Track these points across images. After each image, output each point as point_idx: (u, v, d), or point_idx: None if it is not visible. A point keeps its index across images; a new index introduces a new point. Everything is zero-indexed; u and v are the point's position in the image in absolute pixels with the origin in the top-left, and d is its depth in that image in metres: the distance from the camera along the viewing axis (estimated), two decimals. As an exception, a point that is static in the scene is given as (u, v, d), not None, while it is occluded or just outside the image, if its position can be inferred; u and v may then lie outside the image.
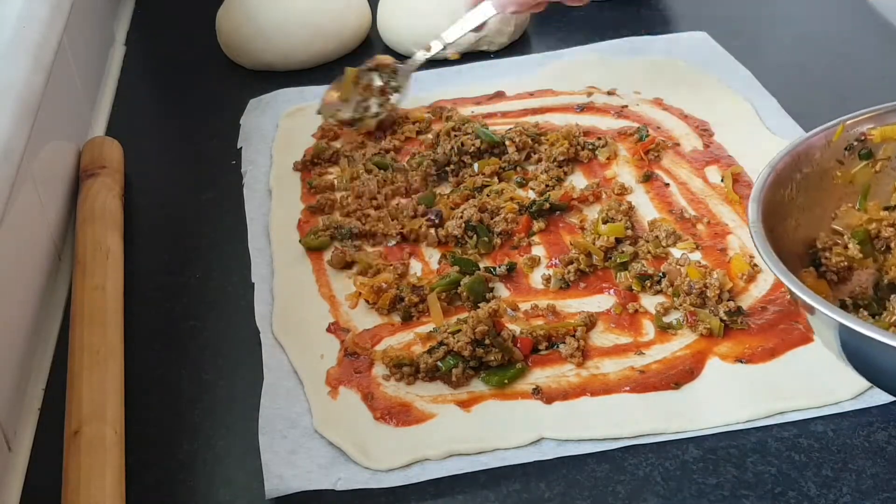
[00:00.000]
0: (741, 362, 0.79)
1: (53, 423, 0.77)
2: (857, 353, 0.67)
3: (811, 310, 0.66)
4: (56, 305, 0.91)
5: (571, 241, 0.91)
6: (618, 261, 0.88)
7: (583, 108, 1.12)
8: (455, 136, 1.05)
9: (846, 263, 0.80)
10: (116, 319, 0.84)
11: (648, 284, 0.86)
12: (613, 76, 1.17)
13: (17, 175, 0.80)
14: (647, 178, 1.00)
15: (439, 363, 0.79)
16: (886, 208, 0.81)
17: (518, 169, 1.03)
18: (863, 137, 0.81)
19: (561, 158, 1.02)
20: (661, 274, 0.86)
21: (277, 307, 0.87)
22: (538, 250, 0.92)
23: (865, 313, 0.76)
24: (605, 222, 0.91)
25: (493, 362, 0.78)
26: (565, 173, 1.01)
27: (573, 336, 0.81)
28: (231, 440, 0.76)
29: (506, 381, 0.78)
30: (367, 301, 0.86)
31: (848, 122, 0.81)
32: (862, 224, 0.81)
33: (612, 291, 0.87)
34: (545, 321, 0.84)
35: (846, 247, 0.80)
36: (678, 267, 0.86)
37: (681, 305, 0.83)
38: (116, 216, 0.97)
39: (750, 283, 0.86)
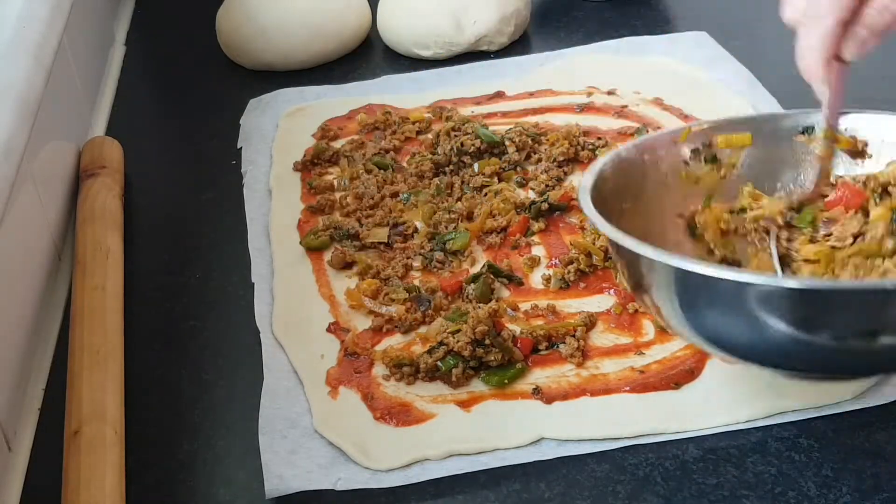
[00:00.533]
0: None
1: (53, 423, 0.77)
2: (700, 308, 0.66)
3: (641, 265, 0.66)
4: (56, 305, 0.91)
5: (571, 241, 0.91)
6: None
7: (583, 108, 1.12)
8: (455, 136, 1.05)
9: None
10: (116, 319, 0.84)
11: None
12: (613, 76, 1.17)
13: (17, 175, 0.80)
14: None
15: (439, 363, 0.79)
16: (732, 211, 0.81)
17: (518, 169, 1.03)
18: (708, 142, 0.82)
19: (561, 158, 1.02)
20: None
21: (277, 307, 0.87)
22: (538, 250, 0.92)
23: None
24: None
25: (493, 362, 0.78)
26: (565, 173, 1.01)
27: (573, 336, 0.81)
28: (231, 440, 0.76)
29: (506, 381, 0.78)
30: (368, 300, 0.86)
31: (694, 127, 0.82)
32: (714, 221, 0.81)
33: (612, 291, 0.87)
34: (545, 321, 0.84)
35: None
36: None
37: None
38: (116, 216, 0.97)
39: (750, 283, 0.86)
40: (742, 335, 0.64)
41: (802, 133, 0.83)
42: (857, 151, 0.81)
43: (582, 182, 0.74)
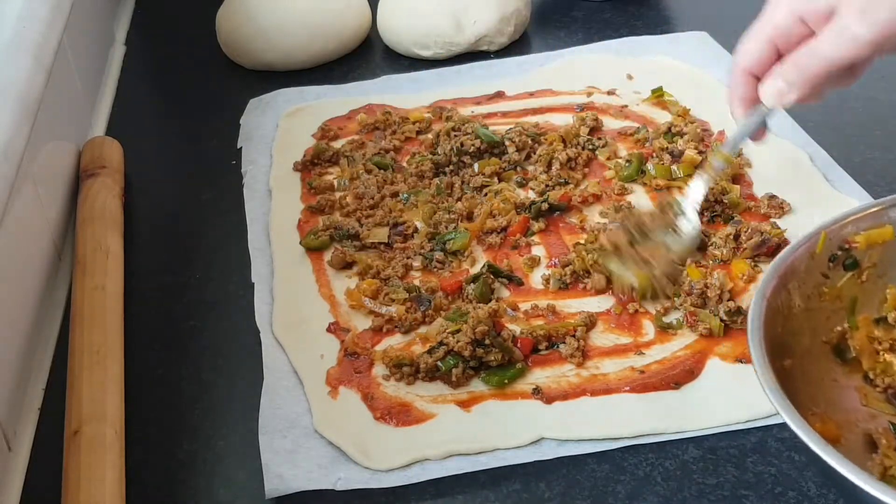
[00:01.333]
0: (741, 362, 0.79)
1: (53, 423, 0.77)
2: None
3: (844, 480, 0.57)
4: (56, 305, 0.91)
5: (574, 251, 0.90)
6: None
7: (583, 108, 1.12)
8: (455, 136, 1.05)
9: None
10: (116, 319, 0.84)
11: None
12: (613, 76, 1.17)
13: (17, 175, 0.80)
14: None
15: (439, 363, 0.79)
16: (876, 320, 0.74)
17: (518, 169, 1.03)
18: (846, 246, 0.74)
19: (562, 159, 1.02)
20: None
21: (277, 307, 0.87)
22: (538, 250, 0.92)
23: None
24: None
25: (493, 362, 0.78)
26: (569, 172, 1.01)
27: (573, 336, 0.81)
28: (231, 440, 0.76)
29: (506, 381, 0.78)
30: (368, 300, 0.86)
31: (829, 230, 0.73)
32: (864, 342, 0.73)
33: (612, 291, 0.87)
34: (545, 321, 0.84)
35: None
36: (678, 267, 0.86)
37: (681, 306, 0.83)
38: (116, 216, 0.97)
39: (750, 283, 0.86)
40: None
41: None
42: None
43: (755, 367, 0.64)
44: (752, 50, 0.77)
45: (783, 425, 0.73)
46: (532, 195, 0.98)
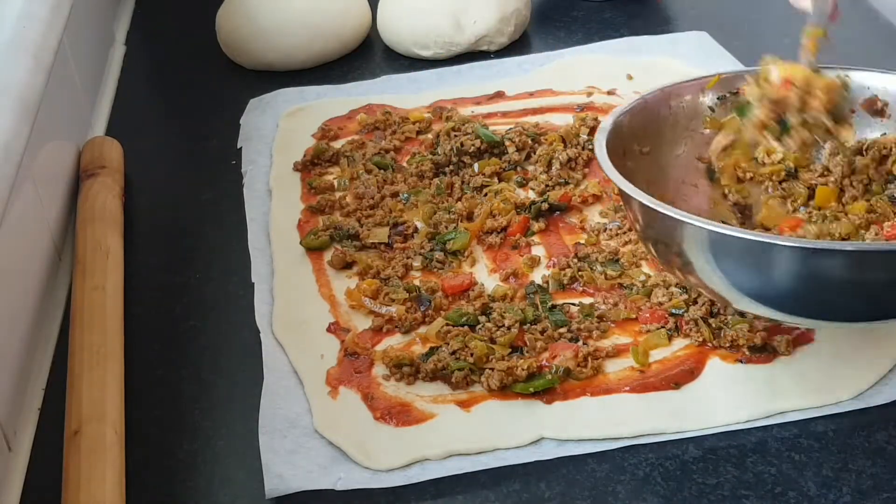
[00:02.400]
0: (741, 362, 0.79)
1: (53, 423, 0.77)
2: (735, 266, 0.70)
3: (676, 225, 0.69)
4: (56, 305, 0.91)
5: (576, 251, 0.91)
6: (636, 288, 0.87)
7: (583, 108, 1.12)
8: (455, 136, 1.05)
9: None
10: (116, 319, 0.84)
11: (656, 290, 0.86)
12: (613, 76, 1.17)
13: (17, 175, 0.80)
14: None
15: (449, 363, 0.78)
16: (750, 158, 0.85)
17: (518, 169, 1.03)
18: (736, 91, 0.84)
19: (562, 159, 1.02)
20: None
21: (277, 307, 0.87)
22: (538, 250, 0.92)
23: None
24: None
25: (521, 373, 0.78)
26: (569, 172, 1.01)
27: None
28: (231, 440, 0.76)
29: (531, 389, 0.77)
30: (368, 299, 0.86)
31: (724, 75, 0.85)
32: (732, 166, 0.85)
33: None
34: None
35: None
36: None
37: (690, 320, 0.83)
38: (116, 216, 0.97)
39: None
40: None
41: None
42: (877, 110, 0.84)
43: (601, 124, 0.76)
44: None
45: (783, 425, 0.74)
46: (532, 195, 0.98)
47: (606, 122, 0.78)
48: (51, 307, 0.90)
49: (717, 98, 0.85)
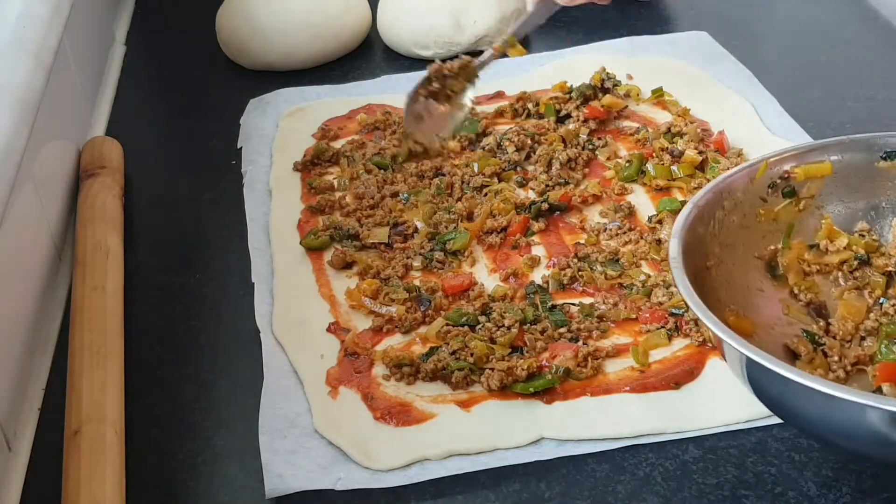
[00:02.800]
0: (741, 362, 0.78)
1: (53, 423, 0.77)
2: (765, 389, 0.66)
3: (721, 344, 0.65)
4: (56, 305, 0.91)
5: (577, 252, 0.91)
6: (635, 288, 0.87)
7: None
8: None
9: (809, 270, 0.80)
10: (116, 319, 0.84)
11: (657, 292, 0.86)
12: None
13: (17, 175, 0.80)
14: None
15: (449, 363, 0.78)
16: (811, 246, 0.81)
17: (518, 169, 1.03)
18: (786, 175, 0.80)
19: (562, 159, 1.02)
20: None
21: (277, 307, 0.87)
22: (538, 250, 0.92)
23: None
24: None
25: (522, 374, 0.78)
26: (569, 172, 1.01)
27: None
28: (231, 440, 0.76)
29: (531, 389, 0.77)
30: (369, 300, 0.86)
31: (771, 160, 0.80)
32: (793, 261, 0.80)
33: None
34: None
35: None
36: None
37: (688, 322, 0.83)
38: (116, 216, 0.97)
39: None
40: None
41: (884, 158, 0.80)
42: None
43: (669, 251, 0.71)
44: None
45: (783, 425, 0.74)
46: (532, 195, 0.98)
47: (674, 251, 0.71)
48: (51, 307, 0.90)
49: (769, 186, 0.80)
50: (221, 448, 0.76)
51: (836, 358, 0.74)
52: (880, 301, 0.78)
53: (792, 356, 0.74)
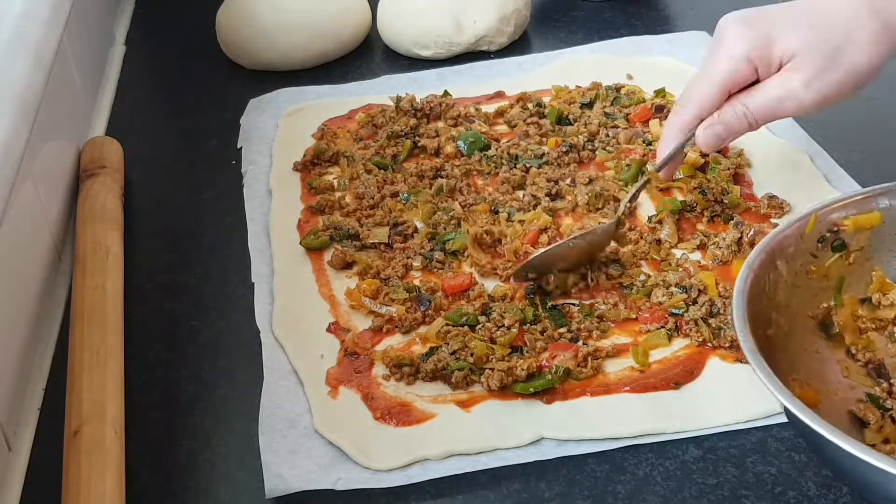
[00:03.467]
0: (741, 362, 0.79)
1: (53, 423, 0.77)
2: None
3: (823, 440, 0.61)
4: (56, 305, 0.91)
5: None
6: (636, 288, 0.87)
7: (583, 108, 1.12)
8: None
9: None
10: (116, 319, 0.84)
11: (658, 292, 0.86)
12: (613, 76, 1.17)
13: (17, 175, 0.80)
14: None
15: (449, 363, 0.78)
16: (861, 300, 0.78)
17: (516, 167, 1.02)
18: (835, 228, 0.78)
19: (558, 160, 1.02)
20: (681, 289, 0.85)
21: (277, 307, 0.87)
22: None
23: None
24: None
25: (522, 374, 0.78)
26: (569, 171, 1.01)
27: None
28: (231, 440, 0.76)
29: (531, 389, 0.77)
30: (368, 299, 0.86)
31: (820, 213, 0.77)
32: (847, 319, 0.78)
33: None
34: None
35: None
36: (690, 281, 0.85)
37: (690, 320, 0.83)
38: (116, 216, 0.97)
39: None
40: None
41: None
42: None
43: (735, 324, 0.68)
44: (706, 95, 0.84)
45: (783, 425, 0.74)
46: (531, 194, 0.98)
47: (740, 325, 0.67)
48: (51, 307, 0.90)
49: (818, 241, 0.77)
50: (221, 448, 0.76)
51: None
52: None
53: (859, 424, 0.71)
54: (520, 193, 0.99)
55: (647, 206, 0.96)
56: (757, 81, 0.82)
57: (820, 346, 0.77)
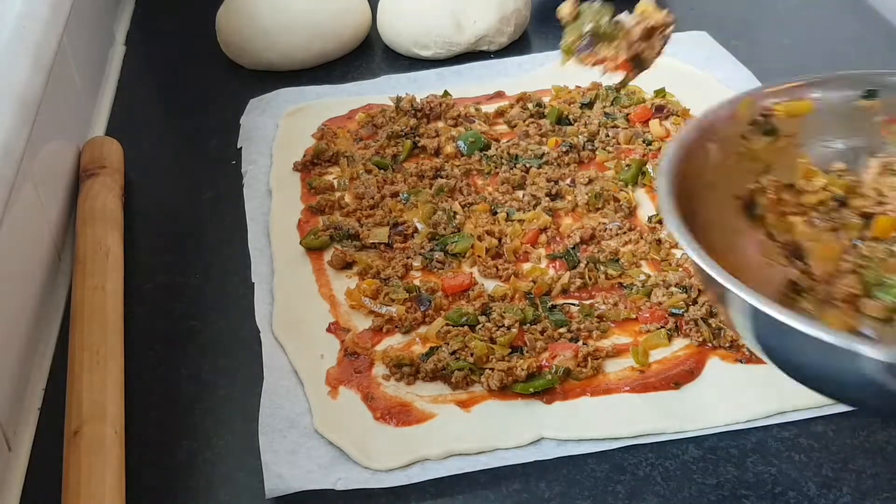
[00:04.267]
0: (741, 362, 0.79)
1: (53, 423, 0.77)
2: (775, 345, 0.64)
3: (722, 291, 0.62)
4: (56, 305, 0.91)
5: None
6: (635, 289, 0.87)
7: (583, 108, 1.12)
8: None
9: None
10: (116, 319, 0.84)
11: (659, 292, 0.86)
12: (613, 76, 1.16)
13: (17, 175, 0.80)
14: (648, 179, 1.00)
15: (449, 363, 0.78)
16: (786, 185, 0.78)
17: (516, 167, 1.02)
18: (767, 113, 0.78)
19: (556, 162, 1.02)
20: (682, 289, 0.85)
21: (277, 307, 0.87)
22: (539, 250, 0.92)
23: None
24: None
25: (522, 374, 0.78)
26: (569, 171, 1.01)
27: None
28: (231, 440, 0.76)
29: (531, 389, 0.77)
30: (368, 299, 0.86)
31: (753, 96, 0.78)
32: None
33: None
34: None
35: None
36: (690, 281, 0.85)
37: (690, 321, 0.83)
38: (116, 216, 0.97)
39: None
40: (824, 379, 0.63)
41: (865, 97, 0.78)
42: None
43: (658, 191, 0.70)
44: None
45: (783, 425, 0.74)
46: (530, 194, 0.98)
47: (663, 190, 0.69)
48: (51, 307, 0.90)
49: (749, 124, 0.78)
50: (221, 448, 0.76)
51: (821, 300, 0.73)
52: (853, 242, 0.76)
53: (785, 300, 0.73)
54: (520, 193, 0.99)
55: (647, 206, 0.96)
56: None
57: (742, 226, 0.77)
